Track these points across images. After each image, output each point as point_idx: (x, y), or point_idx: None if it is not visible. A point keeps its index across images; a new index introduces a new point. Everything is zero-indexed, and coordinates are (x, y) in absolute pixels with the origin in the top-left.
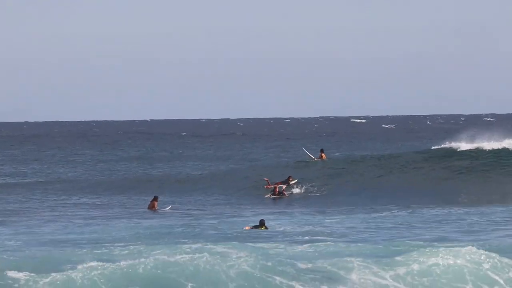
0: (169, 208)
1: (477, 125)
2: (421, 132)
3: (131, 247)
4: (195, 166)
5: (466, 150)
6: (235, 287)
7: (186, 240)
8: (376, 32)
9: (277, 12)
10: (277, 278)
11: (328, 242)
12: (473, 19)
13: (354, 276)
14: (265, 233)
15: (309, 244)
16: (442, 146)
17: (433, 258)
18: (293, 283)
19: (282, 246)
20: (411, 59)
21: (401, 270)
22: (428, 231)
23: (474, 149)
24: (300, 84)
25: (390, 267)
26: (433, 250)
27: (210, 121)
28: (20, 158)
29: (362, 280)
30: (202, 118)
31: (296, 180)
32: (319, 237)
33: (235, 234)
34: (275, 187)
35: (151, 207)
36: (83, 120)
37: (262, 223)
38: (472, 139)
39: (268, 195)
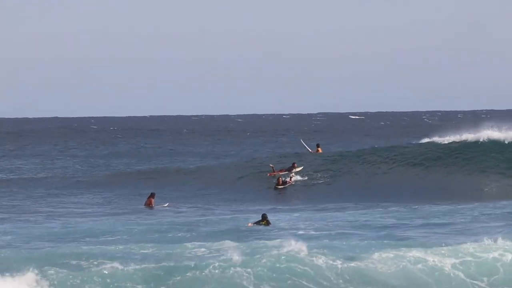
0: (167, 205)
1: (471, 121)
2: (414, 128)
3: (127, 245)
4: (193, 162)
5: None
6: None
7: (184, 238)
8: (375, 30)
9: (276, 11)
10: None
11: (335, 238)
12: (471, 16)
13: (375, 256)
14: (269, 229)
15: (316, 239)
16: (427, 140)
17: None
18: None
19: (290, 242)
20: (410, 56)
21: (420, 250)
22: (432, 226)
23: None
24: (299, 81)
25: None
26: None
27: (209, 117)
28: (15, 153)
29: (383, 256)
30: (202, 114)
31: (302, 167)
32: (323, 232)
33: (237, 231)
34: (278, 178)
35: (148, 203)
36: (82, 116)
37: (264, 217)
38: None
39: (274, 186)
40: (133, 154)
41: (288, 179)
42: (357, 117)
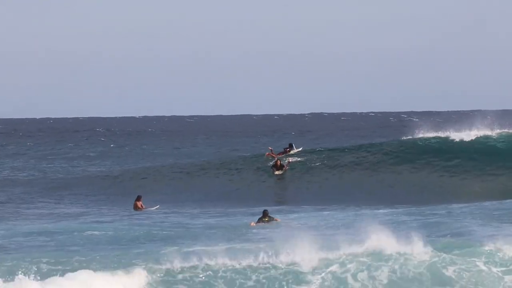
0: (156, 208)
1: (457, 120)
2: (401, 128)
3: (122, 249)
4: (183, 162)
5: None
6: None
7: (183, 242)
8: (373, 27)
9: (272, 11)
10: None
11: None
12: (467, 14)
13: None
14: (269, 226)
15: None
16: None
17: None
18: None
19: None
20: (408, 55)
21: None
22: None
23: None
24: (294, 81)
25: None
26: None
27: (202, 118)
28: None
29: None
30: (195, 114)
31: (301, 148)
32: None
33: (240, 233)
34: (277, 160)
35: (135, 207)
36: (76, 117)
37: (265, 214)
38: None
39: (272, 171)
40: (122, 155)
41: (285, 164)
42: (349, 118)
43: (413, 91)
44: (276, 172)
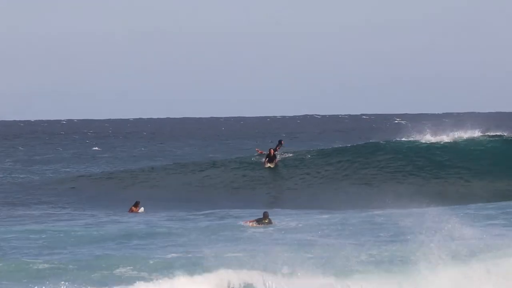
0: (141, 211)
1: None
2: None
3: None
4: (175, 163)
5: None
6: None
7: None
8: (368, 29)
9: (268, 12)
10: None
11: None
12: (466, 14)
13: None
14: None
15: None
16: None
17: None
18: None
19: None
20: (402, 56)
21: None
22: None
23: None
24: (287, 83)
25: None
26: None
27: (195, 120)
28: None
29: None
30: (189, 117)
31: (292, 153)
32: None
33: (240, 235)
34: (270, 149)
35: (131, 211)
36: (69, 118)
37: (265, 216)
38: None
39: (265, 162)
40: (114, 156)
41: (276, 160)
42: (343, 120)
43: (408, 93)
44: (268, 164)
